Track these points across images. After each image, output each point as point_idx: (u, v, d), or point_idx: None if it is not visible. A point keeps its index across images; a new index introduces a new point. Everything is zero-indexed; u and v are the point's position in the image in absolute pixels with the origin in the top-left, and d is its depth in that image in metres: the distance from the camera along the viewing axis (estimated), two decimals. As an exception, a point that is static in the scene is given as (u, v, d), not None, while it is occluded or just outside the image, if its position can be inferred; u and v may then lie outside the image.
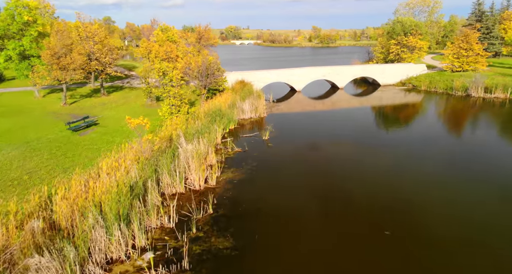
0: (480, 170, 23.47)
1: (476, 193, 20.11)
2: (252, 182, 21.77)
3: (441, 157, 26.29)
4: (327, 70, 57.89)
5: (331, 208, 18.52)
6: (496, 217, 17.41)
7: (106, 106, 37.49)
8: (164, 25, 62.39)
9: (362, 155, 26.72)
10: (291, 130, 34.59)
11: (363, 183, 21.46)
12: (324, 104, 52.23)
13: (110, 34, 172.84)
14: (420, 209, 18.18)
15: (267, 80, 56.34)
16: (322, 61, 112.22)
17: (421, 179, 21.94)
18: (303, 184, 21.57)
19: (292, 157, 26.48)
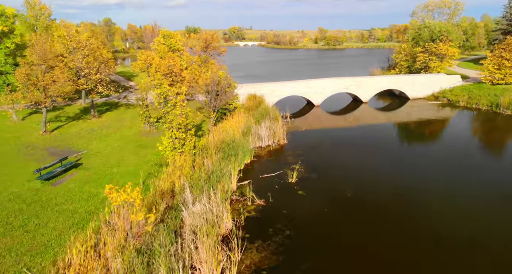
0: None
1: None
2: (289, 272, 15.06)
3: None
4: (349, 82, 51.05)
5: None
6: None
7: (95, 135, 30.82)
8: (167, 31, 55.79)
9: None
10: (321, 164, 27.73)
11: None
12: (347, 121, 45.50)
13: (111, 36, 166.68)
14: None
15: (281, 94, 49.65)
16: (331, 66, 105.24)
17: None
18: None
19: (334, 214, 19.75)
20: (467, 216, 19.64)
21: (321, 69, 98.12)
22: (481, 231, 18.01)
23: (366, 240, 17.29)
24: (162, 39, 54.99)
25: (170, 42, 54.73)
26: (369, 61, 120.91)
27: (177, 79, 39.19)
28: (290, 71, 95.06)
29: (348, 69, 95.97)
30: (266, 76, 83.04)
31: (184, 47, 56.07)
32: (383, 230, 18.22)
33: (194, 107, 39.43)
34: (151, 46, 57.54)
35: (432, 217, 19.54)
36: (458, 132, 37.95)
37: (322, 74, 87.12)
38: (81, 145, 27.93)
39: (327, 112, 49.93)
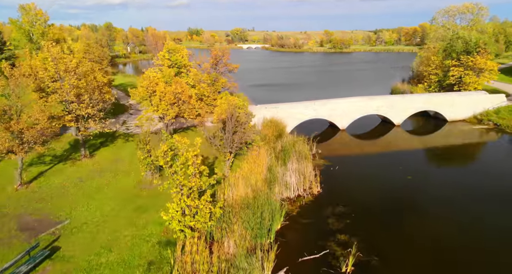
0: None
1: None
2: None
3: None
4: (380, 102, 44.47)
5: None
6: None
7: (83, 188, 24.32)
8: (172, 45, 49.30)
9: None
10: (376, 230, 21.14)
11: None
12: (381, 149, 38.95)
13: (111, 41, 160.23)
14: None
15: (302, 117, 43.19)
16: (344, 75, 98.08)
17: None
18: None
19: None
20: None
21: (335, 80, 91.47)
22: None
23: None
24: (166, 53, 48.52)
25: (175, 57, 48.25)
26: (383, 68, 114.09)
27: (185, 107, 32.69)
28: (300, 81, 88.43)
29: (364, 81, 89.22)
30: (275, 87, 76.57)
31: (191, 63, 49.57)
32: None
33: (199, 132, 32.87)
34: (154, 61, 51.03)
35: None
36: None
37: (337, 87, 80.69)
38: (63, 208, 21.43)
39: (354, 137, 43.43)
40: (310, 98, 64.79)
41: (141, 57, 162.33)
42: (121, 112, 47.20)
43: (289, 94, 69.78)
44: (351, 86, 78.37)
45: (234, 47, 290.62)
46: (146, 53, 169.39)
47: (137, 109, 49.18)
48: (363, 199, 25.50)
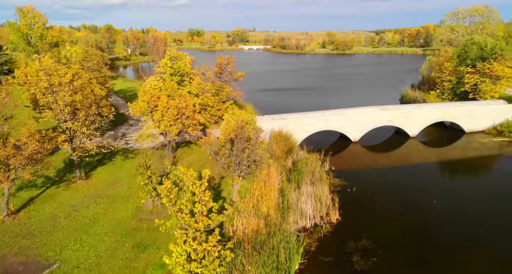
0: None
1: None
2: None
3: None
4: (394, 113, 41.88)
5: None
6: None
7: (77, 220, 21.75)
8: (174, 52, 46.74)
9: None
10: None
11: None
12: (393, 161, 36.36)
13: (112, 44, 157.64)
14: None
15: (312, 129, 40.61)
16: (350, 79, 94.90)
17: None
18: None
19: None
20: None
21: (341, 85, 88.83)
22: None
23: None
24: (168, 61, 45.98)
25: (178, 65, 45.72)
26: (389, 72, 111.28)
27: (189, 122, 30.11)
28: (305, 86, 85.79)
29: (372, 86, 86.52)
30: (281, 92, 73.53)
31: (194, 71, 47.03)
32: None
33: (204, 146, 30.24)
34: (155, 69, 48.52)
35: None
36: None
37: (344, 93, 77.03)
38: (53, 246, 18.89)
39: (367, 149, 40.92)
40: (317, 105, 62.44)
41: (141, 60, 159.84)
42: (120, 123, 44.60)
43: (295, 100, 67.22)
44: (358, 92, 75.79)
45: (235, 48, 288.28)
46: (146, 55, 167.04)
47: (137, 119, 46.64)
48: (388, 230, 22.91)
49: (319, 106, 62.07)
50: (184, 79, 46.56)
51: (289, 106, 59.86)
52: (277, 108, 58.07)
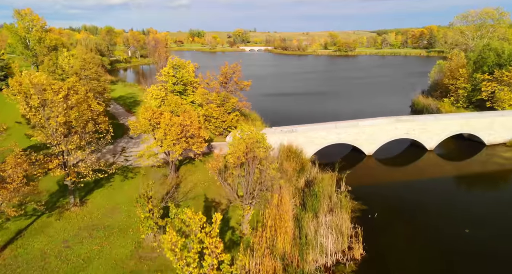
0: None
1: None
2: None
3: None
4: (411, 125, 39.27)
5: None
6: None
7: (68, 260, 19.14)
8: (178, 60, 44.15)
9: None
10: None
11: None
12: (411, 176, 33.70)
13: (112, 46, 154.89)
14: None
15: (323, 142, 38.03)
16: (356, 84, 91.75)
17: None
18: None
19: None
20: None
21: (347, 90, 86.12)
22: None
23: None
24: (171, 70, 43.36)
25: (180, 74, 43.11)
26: (396, 75, 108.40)
27: (194, 141, 27.54)
28: (311, 90, 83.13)
29: (380, 91, 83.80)
30: (286, 97, 70.35)
31: (197, 80, 44.41)
32: None
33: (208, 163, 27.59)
34: (157, 77, 45.91)
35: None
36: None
37: (351, 98, 72.36)
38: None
39: (383, 163, 38.40)
40: (324, 112, 60.23)
41: (142, 62, 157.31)
42: (119, 135, 41.94)
43: (301, 106, 64.59)
44: (366, 98, 73.14)
45: (236, 49, 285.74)
46: (147, 58, 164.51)
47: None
48: (422, 268, 20.30)
49: (326, 113, 60.08)
50: (187, 89, 43.96)
51: (296, 114, 57.35)
52: (283, 116, 55.52)
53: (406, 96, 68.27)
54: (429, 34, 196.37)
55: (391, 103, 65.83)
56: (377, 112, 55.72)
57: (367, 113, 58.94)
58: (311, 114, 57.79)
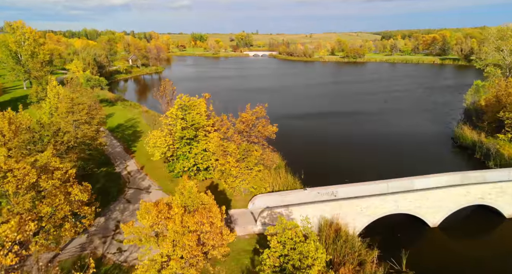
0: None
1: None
2: None
3: None
4: (487, 189, 30.51)
5: None
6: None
7: None
8: (186, 99, 35.43)
9: None
10: None
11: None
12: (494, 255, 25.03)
13: (112, 56, 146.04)
14: None
15: (376, 212, 29.48)
16: (373, 100, 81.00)
17: None
18: None
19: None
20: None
21: (368, 109, 76.96)
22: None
23: None
24: (179, 112, 34.55)
25: (191, 116, 34.32)
26: (417, 89, 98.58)
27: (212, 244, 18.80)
28: (326, 111, 74.10)
29: (407, 112, 74.60)
30: (303, 120, 59.03)
31: (210, 121, 35.64)
32: None
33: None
34: (161, 119, 37.04)
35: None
36: None
37: (378, 122, 59.45)
38: None
39: (452, 238, 29.75)
40: (350, 142, 50.94)
41: (143, 72, 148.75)
42: (114, 196, 33.13)
43: (323, 132, 55.36)
44: (390, 123, 64.21)
45: (240, 54, 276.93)
46: (148, 66, 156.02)
47: (138, 186, 35.24)
48: None
49: (352, 143, 50.77)
50: (199, 134, 35.22)
51: (321, 146, 48.33)
52: (307, 151, 46.60)
53: (438, 121, 59.65)
54: (442, 40, 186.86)
55: (424, 133, 56.87)
56: (414, 152, 47.27)
57: (397, 144, 50.39)
58: (337, 144, 49.10)
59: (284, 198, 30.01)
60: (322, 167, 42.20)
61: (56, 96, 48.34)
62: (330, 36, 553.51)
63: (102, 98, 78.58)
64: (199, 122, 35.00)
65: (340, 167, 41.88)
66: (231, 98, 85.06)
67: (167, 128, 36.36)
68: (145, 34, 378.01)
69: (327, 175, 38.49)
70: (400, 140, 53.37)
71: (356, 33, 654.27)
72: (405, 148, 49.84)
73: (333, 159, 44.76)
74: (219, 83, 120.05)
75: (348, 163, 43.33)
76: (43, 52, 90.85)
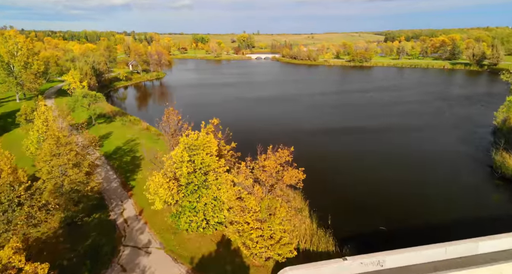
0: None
1: None
2: None
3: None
4: None
5: None
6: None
7: None
8: (192, 137, 29.26)
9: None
10: None
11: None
12: None
13: (111, 63, 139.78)
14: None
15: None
16: (387, 112, 72.35)
17: None
18: None
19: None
20: None
21: (386, 124, 70.66)
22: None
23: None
24: (186, 153, 28.33)
25: (199, 158, 28.13)
26: (428, 99, 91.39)
27: None
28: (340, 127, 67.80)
29: (424, 129, 68.15)
30: (316, 139, 53.62)
31: (222, 163, 29.43)
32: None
33: None
34: (164, 159, 30.73)
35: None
36: None
37: (396, 143, 49.36)
38: None
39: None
40: (379, 167, 39.73)
41: (144, 78, 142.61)
42: (103, 262, 26.92)
43: (336, 155, 48.28)
44: (411, 142, 58.01)
45: (242, 57, 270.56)
46: (149, 72, 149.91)
47: (135, 243, 29.09)
48: None
49: (375, 172, 40.95)
50: (209, 178, 29.09)
51: (340, 175, 41.44)
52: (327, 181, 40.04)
53: (467, 142, 53.54)
54: (451, 44, 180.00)
55: (456, 159, 50.50)
56: (448, 185, 40.56)
57: (431, 184, 42.68)
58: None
59: (319, 271, 23.87)
60: (348, 205, 36.16)
61: (45, 123, 42.55)
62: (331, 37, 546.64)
63: (100, 113, 72.52)
64: (209, 165, 28.88)
65: (367, 206, 35.84)
66: (239, 114, 78.95)
67: (170, 170, 30.23)
68: (145, 36, 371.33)
69: (355, 219, 32.70)
70: (427, 169, 47.11)
71: (358, 33, 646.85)
72: (437, 179, 43.62)
73: (356, 195, 38.60)
74: (223, 92, 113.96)
75: (374, 200, 37.21)
76: (37, 63, 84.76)
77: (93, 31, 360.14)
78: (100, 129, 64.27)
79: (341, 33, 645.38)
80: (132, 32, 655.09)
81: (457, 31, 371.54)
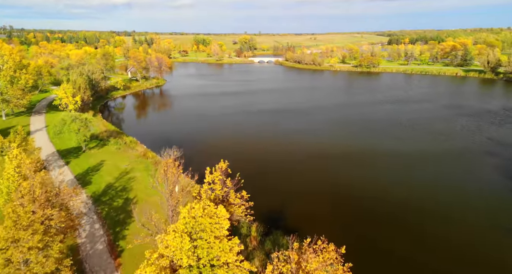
0: None
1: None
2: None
3: None
4: None
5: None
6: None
7: None
8: (199, 212, 21.66)
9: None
10: None
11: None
12: None
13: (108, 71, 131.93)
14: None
15: None
16: (414, 137, 64.37)
17: None
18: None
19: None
20: None
21: (408, 161, 63.01)
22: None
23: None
24: (186, 237, 20.67)
25: (205, 245, 20.54)
26: (448, 117, 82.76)
27: None
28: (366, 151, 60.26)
29: (450, 159, 60.39)
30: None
31: (233, 253, 21.85)
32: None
33: None
34: (164, 227, 23.16)
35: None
36: None
37: (431, 178, 36.75)
38: None
39: None
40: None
41: (143, 86, 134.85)
42: None
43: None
44: (455, 185, 50.47)
45: (245, 60, 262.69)
46: (149, 79, 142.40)
47: None
48: None
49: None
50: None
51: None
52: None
53: (509, 174, 45.81)
54: (463, 49, 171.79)
55: (501, 198, 43.17)
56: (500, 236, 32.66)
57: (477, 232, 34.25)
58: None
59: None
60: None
61: (17, 169, 35.00)
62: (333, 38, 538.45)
63: (92, 134, 64.82)
64: (219, 257, 21.31)
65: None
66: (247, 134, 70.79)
67: (167, 256, 22.68)
68: (146, 38, 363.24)
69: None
70: (470, 211, 39.68)
71: (360, 34, 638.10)
72: (484, 226, 36.12)
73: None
74: (226, 104, 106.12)
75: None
76: (25, 77, 77.17)
77: (93, 33, 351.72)
78: (90, 157, 56.71)
79: (343, 34, 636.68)
80: (133, 32, 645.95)
81: (460, 32, 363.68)
